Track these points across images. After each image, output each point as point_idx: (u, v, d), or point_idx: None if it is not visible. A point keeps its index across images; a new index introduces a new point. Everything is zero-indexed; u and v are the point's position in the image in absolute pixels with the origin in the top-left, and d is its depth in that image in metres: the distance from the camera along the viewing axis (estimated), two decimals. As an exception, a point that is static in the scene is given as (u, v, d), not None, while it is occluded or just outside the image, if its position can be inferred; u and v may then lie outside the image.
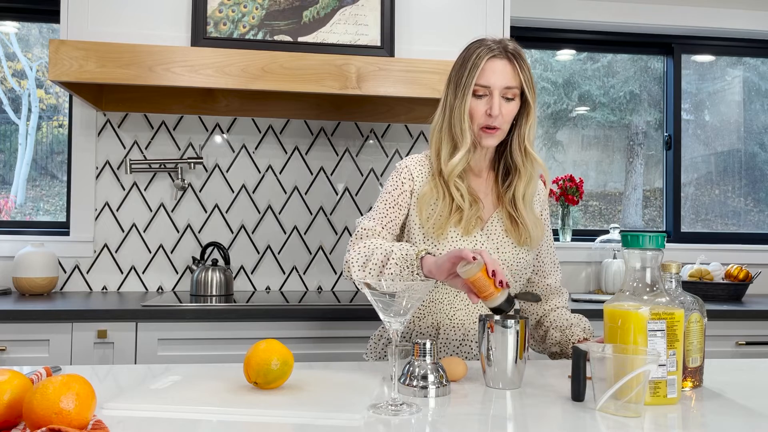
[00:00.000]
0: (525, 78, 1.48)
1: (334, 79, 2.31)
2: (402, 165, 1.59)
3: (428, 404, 1.10)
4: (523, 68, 1.48)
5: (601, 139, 3.38)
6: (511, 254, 1.53)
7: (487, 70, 1.46)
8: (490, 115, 1.46)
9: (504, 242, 1.53)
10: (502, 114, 1.46)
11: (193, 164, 2.73)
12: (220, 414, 1.01)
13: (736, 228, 3.41)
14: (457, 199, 1.49)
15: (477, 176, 1.58)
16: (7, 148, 2.91)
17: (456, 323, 1.53)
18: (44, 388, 0.87)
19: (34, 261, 2.48)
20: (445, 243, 1.50)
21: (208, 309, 2.22)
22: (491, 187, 1.58)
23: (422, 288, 1.09)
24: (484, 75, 1.46)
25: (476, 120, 1.48)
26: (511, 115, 1.50)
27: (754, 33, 3.24)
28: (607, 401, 1.04)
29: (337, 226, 2.84)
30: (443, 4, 2.53)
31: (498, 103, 1.46)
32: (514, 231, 1.53)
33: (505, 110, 1.47)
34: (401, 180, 1.56)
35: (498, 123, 1.47)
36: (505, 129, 1.50)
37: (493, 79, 1.46)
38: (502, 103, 1.47)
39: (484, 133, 1.49)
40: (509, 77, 1.47)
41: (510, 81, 1.47)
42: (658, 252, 1.15)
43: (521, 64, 1.48)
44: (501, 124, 1.48)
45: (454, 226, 1.51)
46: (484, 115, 1.47)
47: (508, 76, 1.47)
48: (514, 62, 1.47)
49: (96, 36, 2.32)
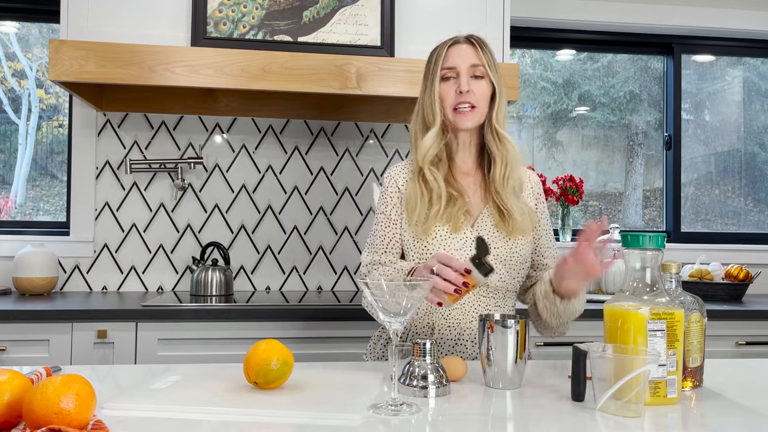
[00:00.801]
0: (488, 60, 1.53)
1: (334, 79, 2.31)
2: (386, 177, 1.64)
3: (428, 404, 1.10)
4: (485, 51, 1.54)
5: (601, 139, 3.39)
6: (504, 249, 1.53)
7: (450, 53, 1.54)
8: (461, 92, 1.50)
9: (496, 237, 1.53)
10: (472, 90, 1.51)
11: (193, 164, 2.73)
12: (220, 414, 1.01)
13: (736, 228, 3.41)
14: (434, 188, 1.51)
15: (466, 174, 1.60)
16: (7, 148, 2.91)
17: (451, 322, 1.53)
18: (44, 388, 0.87)
19: (34, 261, 2.48)
20: (435, 242, 1.51)
21: (208, 309, 2.22)
22: (479, 184, 1.59)
23: (422, 288, 1.09)
24: (449, 58, 1.53)
25: (448, 101, 1.52)
26: (484, 93, 1.53)
27: (754, 33, 3.24)
28: (607, 401, 1.04)
29: (337, 226, 2.84)
30: (443, 4, 2.53)
31: (466, 79, 1.51)
32: (502, 222, 1.53)
33: (475, 88, 1.52)
34: (389, 194, 1.61)
35: (471, 99, 1.50)
36: (482, 109, 1.53)
37: (457, 60, 1.52)
38: (472, 81, 1.52)
39: (458, 114, 1.52)
40: (472, 56, 1.53)
41: (473, 59, 1.52)
42: (658, 252, 1.15)
43: (483, 47, 1.54)
44: (475, 101, 1.51)
45: (442, 224, 1.52)
46: (454, 94, 1.51)
47: (470, 55, 1.53)
48: (476, 45, 1.54)
49: (96, 36, 2.32)
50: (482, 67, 1.52)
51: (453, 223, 1.51)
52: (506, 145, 1.54)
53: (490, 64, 1.53)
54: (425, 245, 1.52)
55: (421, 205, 1.52)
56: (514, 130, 3.33)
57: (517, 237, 1.54)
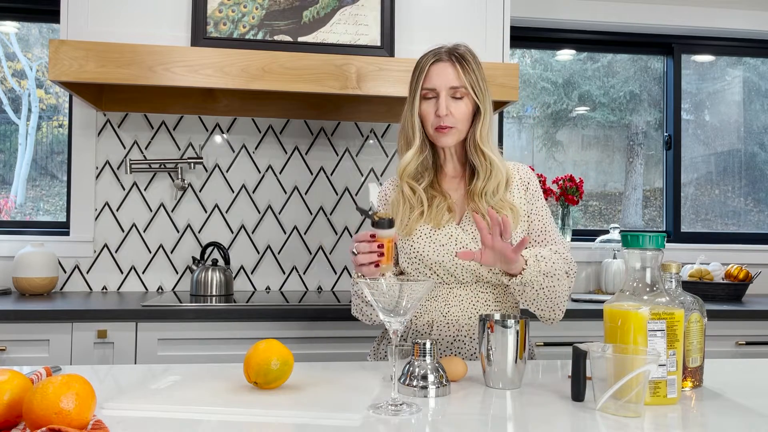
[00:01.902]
0: (470, 79, 1.54)
1: (334, 79, 2.31)
2: (380, 192, 1.72)
3: (428, 404, 1.10)
4: (467, 69, 1.54)
5: (601, 139, 3.39)
6: None
7: (431, 73, 1.55)
8: (438, 115, 1.53)
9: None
10: (451, 113, 1.53)
11: (193, 164, 2.73)
12: (220, 414, 1.01)
13: (736, 228, 3.41)
14: (407, 196, 1.57)
15: (453, 178, 1.64)
16: (7, 148, 2.91)
17: (450, 320, 1.54)
18: (44, 388, 0.87)
19: (34, 261, 2.48)
20: (420, 240, 1.56)
21: (208, 309, 2.22)
22: (466, 187, 1.63)
23: (422, 288, 1.09)
24: (429, 78, 1.55)
25: (428, 121, 1.56)
26: (464, 115, 1.55)
27: (754, 33, 3.24)
28: (607, 401, 1.04)
29: (337, 226, 2.84)
30: (443, 4, 2.53)
31: (444, 103, 1.53)
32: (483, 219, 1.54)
33: (455, 109, 1.54)
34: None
35: (449, 122, 1.53)
36: (461, 128, 1.56)
37: (437, 81, 1.54)
38: (451, 103, 1.53)
39: (438, 132, 1.55)
40: (452, 78, 1.54)
41: (453, 81, 1.53)
42: (658, 252, 1.15)
43: (464, 66, 1.55)
44: (453, 123, 1.54)
45: (423, 223, 1.57)
46: (433, 115, 1.55)
47: (450, 77, 1.54)
48: (457, 64, 1.54)
49: (96, 36, 2.32)
50: (462, 89, 1.54)
51: (435, 220, 1.56)
52: (489, 161, 1.56)
53: (473, 82, 1.54)
54: (411, 244, 1.57)
55: (403, 211, 1.58)
56: (515, 130, 3.33)
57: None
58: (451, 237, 1.54)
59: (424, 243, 1.55)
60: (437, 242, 1.54)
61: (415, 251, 1.56)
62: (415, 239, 1.56)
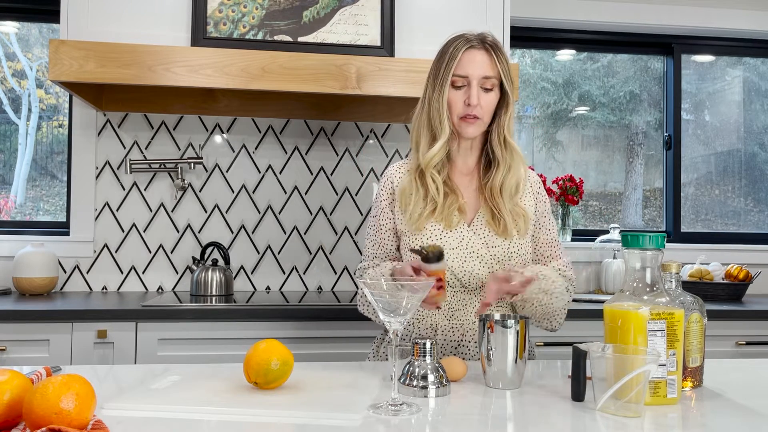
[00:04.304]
0: (503, 69, 1.51)
1: (334, 79, 2.31)
2: (383, 177, 1.65)
3: (428, 404, 1.10)
4: (500, 59, 1.51)
5: (601, 139, 3.39)
6: (502, 248, 1.53)
7: (464, 60, 1.50)
8: (469, 104, 1.49)
9: (491, 237, 1.53)
10: (480, 104, 1.49)
11: (193, 164, 2.73)
12: (220, 414, 1.01)
13: (736, 228, 3.41)
14: (432, 191, 1.52)
15: (464, 174, 1.60)
16: (7, 148, 2.91)
17: (455, 324, 1.53)
18: (44, 388, 0.87)
19: (34, 261, 2.48)
20: (428, 239, 1.52)
21: (208, 309, 2.22)
22: (476, 183, 1.59)
23: (422, 288, 1.09)
24: (462, 65, 1.49)
25: (455, 110, 1.51)
26: (491, 106, 1.52)
27: (754, 33, 3.24)
28: (607, 401, 1.04)
29: (337, 226, 2.84)
30: (443, 4, 2.53)
31: (476, 92, 1.48)
32: (494, 222, 1.53)
33: (483, 100, 1.50)
34: (383, 198, 1.62)
35: (477, 112, 1.49)
36: (486, 120, 1.53)
37: (470, 69, 1.49)
38: (481, 94, 1.50)
39: (464, 122, 1.51)
40: (487, 67, 1.49)
41: (488, 71, 1.49)
42: (658, 252, 1.15)
43: (499, 55, 1.51)
44: (481, 115, 1.50)
45: (434, 221, 1.52)
46: (462, 105, 1.50)
47: (485, 66, 1.49)
48: (492, 53, 1.50)
49: (96, 36, 2.32)
50: (494, 79, 1.50)
51: (447, 220, 1.52)
52: (512, 153, 1.54)
53: (504, 72, 1.51)
54: (420, 241, 1.52)
55: (416, 200, 1.52)
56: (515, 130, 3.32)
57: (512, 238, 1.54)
58: (462, 240, 1.51)
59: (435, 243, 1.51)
60: (447, 245, 1.51)
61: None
62: (425, 238, 1.52)
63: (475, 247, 1.51)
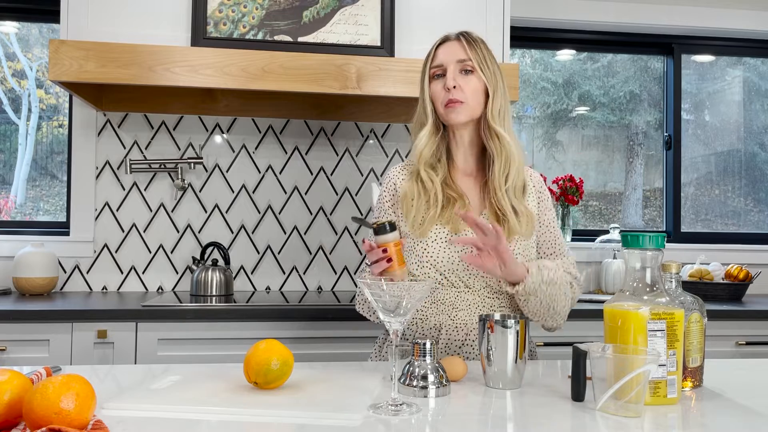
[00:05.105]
0: (476, 56, 1.52)
1: (334, 79, 2.31)
2: (385, 178, 1.65)
3: (428, 404, 1.10)
4: (473, 46, 1.53)
5: (601, 139, 3.39)
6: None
7: (439, 52, 1.56)
8: (447, 89, 1.51)
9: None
10: (460, 86, 1.51)
11: (193, 164, 2.73)
12: (220, 414, 1.01)
13: (736, 228, 3.41)
14: (427, 184, 1.52)
15: (468, 176, 1.60)
16: (7, 148, 2.91)
17: (458, 323, 1.53)
18: (44, 388, 0.87)
19: (34, 261, 2.48)
20: (435, 244, 1.51)
21: (208, 309, 2.22)
22: (480, 185, 1.59)
23: (422, 288, 1.09)
24: (437, 56, 1.55)
25: (438, 99, 1.54)
26: (474, 90, 1.52)
27: (754, 33, 3.24)
28: (607, 401, 1.04)
29: (337, 226, 2.84)
30: (443, 4, 2.53)
31: (452, 75, 1.51)
32: (499, 224, 1.51)
33: (463, 82, 1.52)
34: (385, 199, 1.62)
35: (458, 96, 1.50)
36: (471, 104, 1.52)
37: (443, 57, 1.54)
38: (460, 77, 1.52)
39: (448, 108, 1.52)
40: (460, 52, 1.53)
41: (460, 54, 1.53)
42: (658, 252, 1.15)
43: (471, 43, 1.54)
44: (463, 98, 1.51)
45: (441, 225, 1.52)
46: (443, 91, 1.52)
47: (458, 52, 1.53)
48: (463, 41, 1.54)
49: (96, 36, 2.32)
50: (470, 62, 1.51)
51: (453, 224, 1.51)
52: (503, 143, 1.52)
53: (480, 59, 1.52)
54: (425, 247, 1.52)
55: (418, 205, 1.52)
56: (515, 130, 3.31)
57: (518, 239, 1.54)
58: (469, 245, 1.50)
59: (440, 248, 1.51)
60: (454, 248, 1.50)
61: (428, 255, 1.51)
62: (430, 242, 1.51)
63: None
